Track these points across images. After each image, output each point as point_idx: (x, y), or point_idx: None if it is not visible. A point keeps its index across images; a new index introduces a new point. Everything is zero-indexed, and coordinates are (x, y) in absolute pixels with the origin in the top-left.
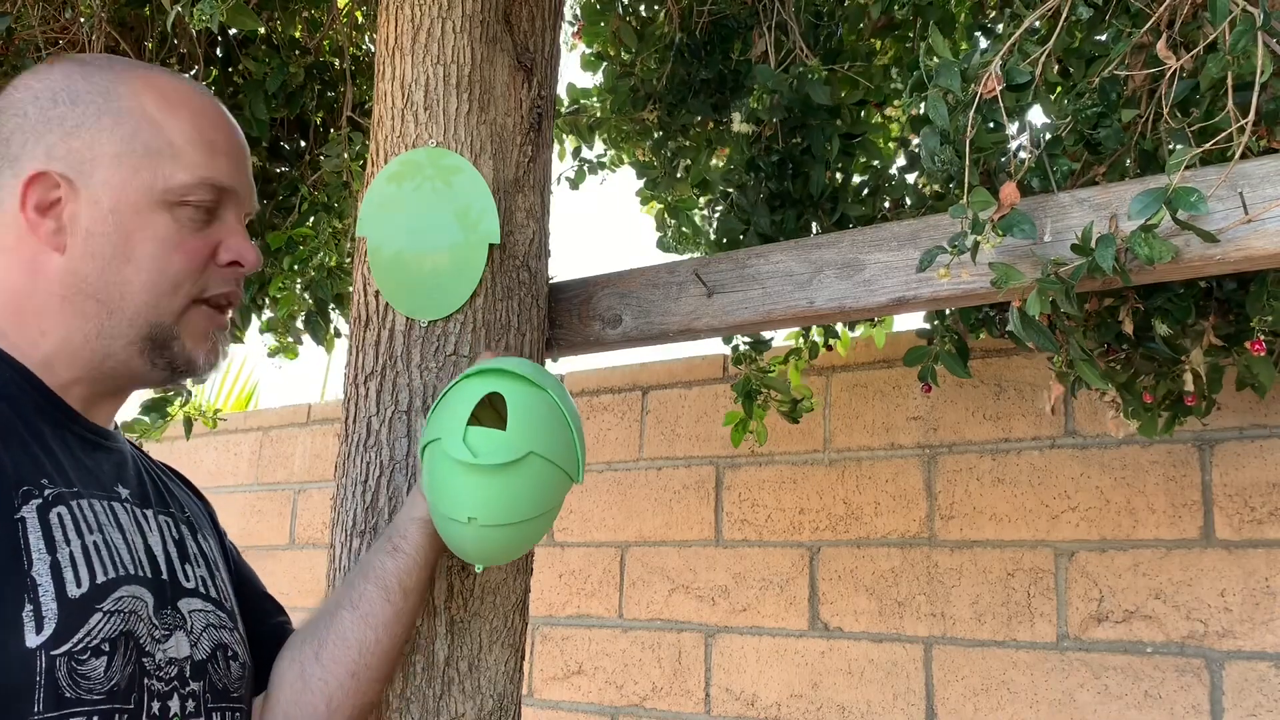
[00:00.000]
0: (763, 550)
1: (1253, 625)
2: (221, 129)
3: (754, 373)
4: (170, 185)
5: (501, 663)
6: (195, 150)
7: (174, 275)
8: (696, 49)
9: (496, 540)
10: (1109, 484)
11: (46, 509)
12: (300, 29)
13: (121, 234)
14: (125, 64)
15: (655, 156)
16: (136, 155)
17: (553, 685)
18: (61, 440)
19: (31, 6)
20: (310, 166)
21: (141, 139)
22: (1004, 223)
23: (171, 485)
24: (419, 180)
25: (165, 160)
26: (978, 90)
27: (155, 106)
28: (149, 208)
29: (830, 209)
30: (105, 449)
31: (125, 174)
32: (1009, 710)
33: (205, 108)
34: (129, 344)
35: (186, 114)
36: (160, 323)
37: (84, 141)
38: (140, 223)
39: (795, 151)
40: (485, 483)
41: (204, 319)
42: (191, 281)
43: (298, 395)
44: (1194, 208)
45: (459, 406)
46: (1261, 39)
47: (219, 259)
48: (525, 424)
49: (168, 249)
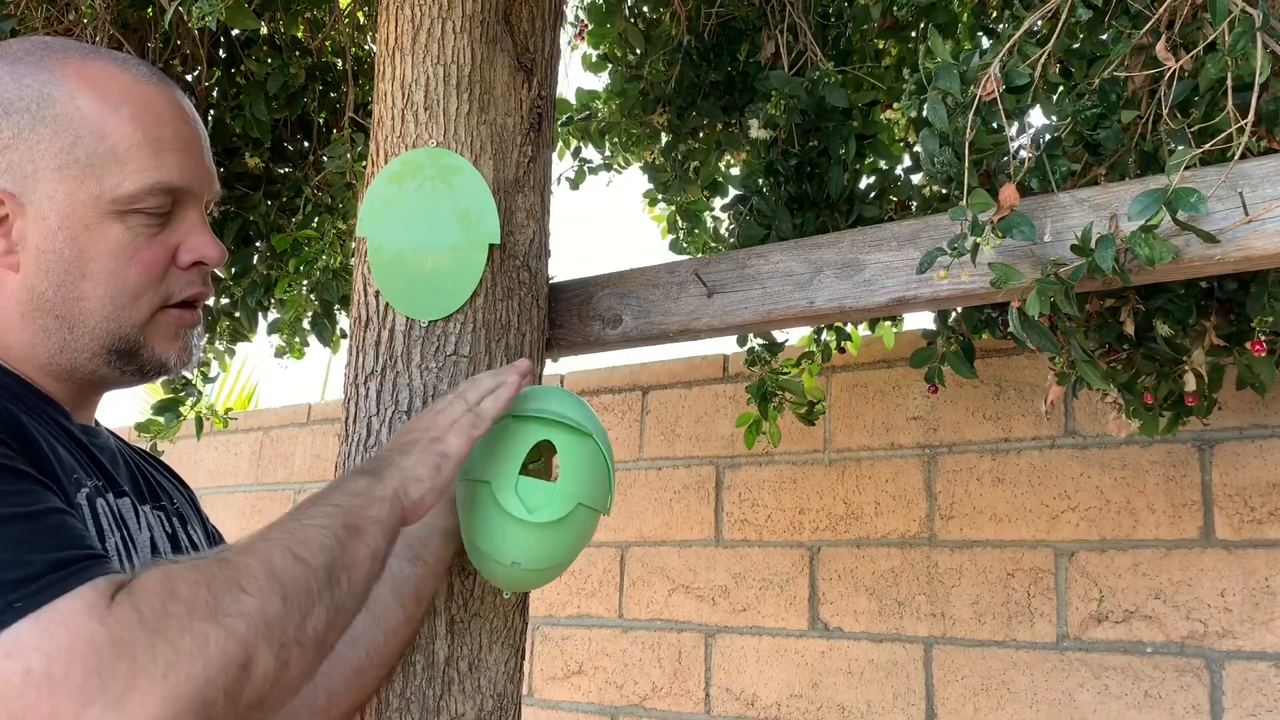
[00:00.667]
0: (763, 550)
1: (1253, 625)
2: (167, 121)
3: (768, 374)
4: (118, 195)
5: (501, 663)
6: (141, 153)
7: (133, 287)
8: (705, 51)
9: (533, 580)
10: (1109, 484)
11: (93, 499)
12: (302, 30)
13: (74, 249)
14: (58, 57)
15: (665, 159)
16: (79, 165)
17: (553, 685)
18: (72, 436)
19: (35, 8)
20: (313, 167)
21: (83, 147)
22: (1003, 225)
23: (158, 475)
24: (419, 180)
25: (110, 168)
26: (977, 92)
27: (93, 108)
28: (99, 219)
29: (848, 211)
30: (99, 446)
31: (70, 186)
32: (1009, 710)
33: (148, 99)
34: (94, 355)
35: (128, 112)
36: (124, 334)
37: (22, 154)
38: (91, 237)
39: (812, 154)
40: (534, 535)
41: (171, 321)
42: (153, 290)
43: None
44: (1194, 208)
45: (511, 454)
46: (1261, 39)
47: (180, 261)
48: (575, 477)
49: (123, 260)
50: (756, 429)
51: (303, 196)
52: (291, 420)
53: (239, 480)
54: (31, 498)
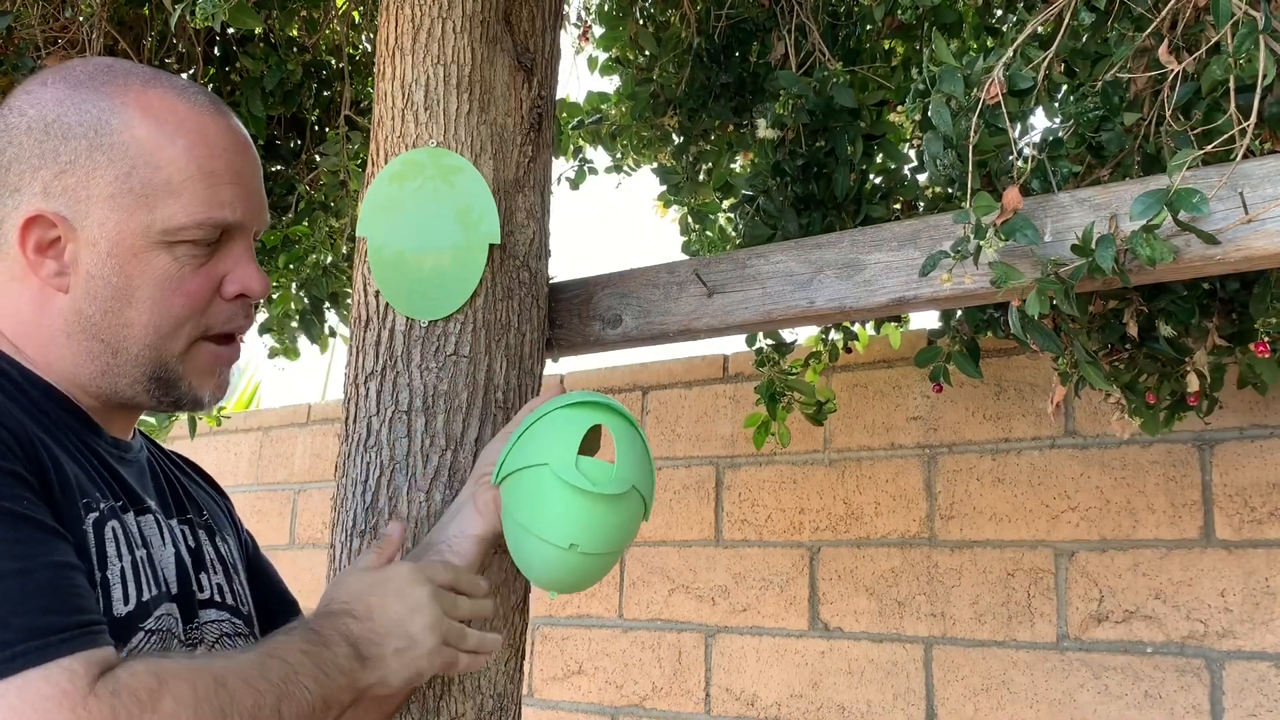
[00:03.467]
0: (763, 550)
1: (1253, 625)
2: (220, 153)
3: (777, 375)
4: (168, 227)
5: (501, 663)
6: (194, 186)
7: (176, 316)
8: (715, 53)
9: (585, 569)
10: (1109, 484)
11: (102, 523)
12: (298, 28)
13: (122, 277)
14: (119, 82)
15: (677, 161)
16: (133, 195)
17: (553, 685)
18: (95, 453)
19: (31, 5)
20: (307, 165)
21: (137, 177)
22: (1006, 227)
23: (188, 485)
24: (420, 180)
25: (162, 199)
26: (980, 95)
27: (150, 137)
28: (147, 249)
29: (855, 210)
30: (128, 461)
31: (121, 216)
32: (1009, 710)
33: (204, 129)
34: (135, 382)
35: (184, 143)
36: (164, 363)
37: (78, 179)
38: (139, 265)
39: (819, 154)
40: (595, 511)
41: (209, 356)
42: (194, 321)
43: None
44: (1196, 209)
45: (566, 436)
46: (1264, 42)
47: (225, 292)
48: (630, 459)
49: (168, 290)
50: (765, 430)
51: (296, 194)
52: (291, 420)
53: (239, 480)
54: (32, 547)
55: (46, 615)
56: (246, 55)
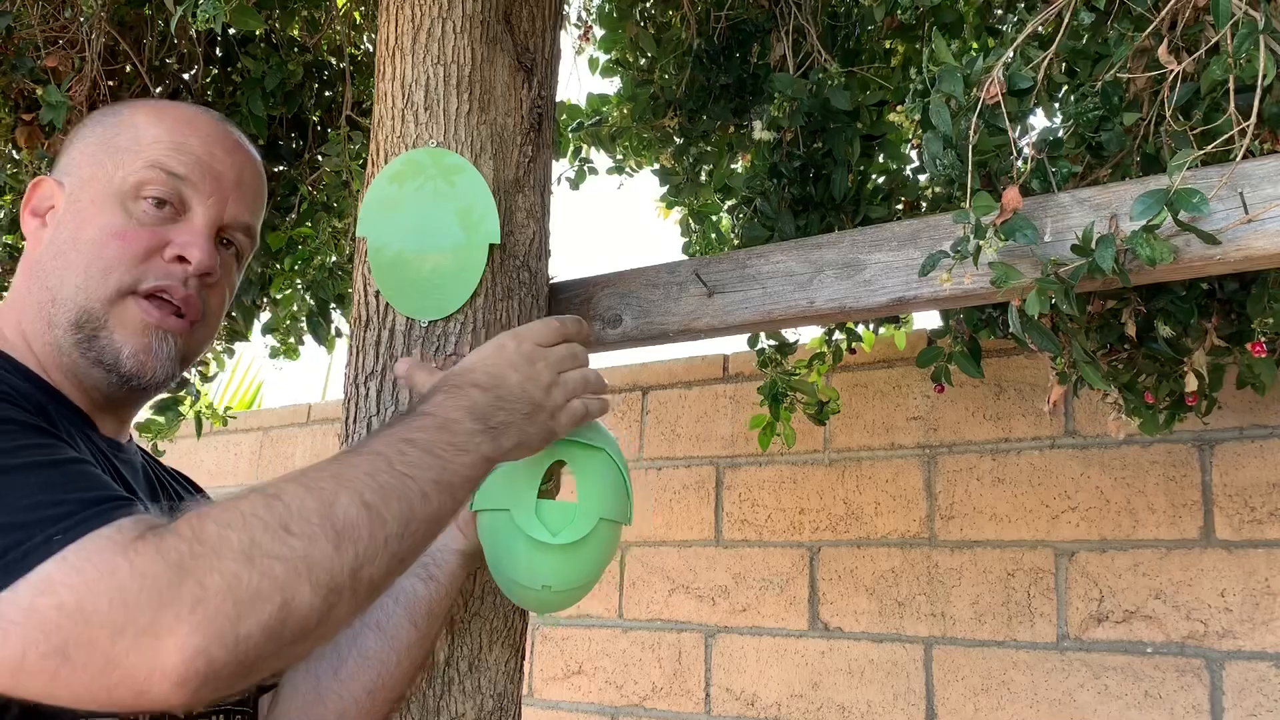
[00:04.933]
0: (763, 550)
1: (1253, 625)
2: (202, 139)
3: (780, 375)
4: (125, 175)
5: (501, 663)
6: (159, 148)
7: (107, 259)
8: (715, 54)
9: (563, 600)
10: (1109, 484)
11: None
12: (299, 28)
13: (77, 223)
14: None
15: (677, 163)
16: (106, 152)
17: (553, 685)
18: (94, 447)
19: (31, 5)
20: (309, 166)
21: (117, 141)
22: (1006, 228)
23: (182, 493)
24: (420, 180)
25: (128, 156)
26: (980, 95)
27: (143, 117)
28: (106, 199)
29: (853, 211)
30: (122, 460)
31: (94, 169)
32: (1009, 710)
33: (195, 121)
34: (66, 331)
35: (169, 121)
36: (90, 309)
37: (79, 150)
38: (94, 213)
39: (817, 155)
40: (560, 557)
41: (138, 310)
42: (125, 269)
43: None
44: (1196, 209)
45: (525, 479)
46: (1264, 42)
47: (165, 254)
48: (593, 493)
49: (108, 235)
50: (770, 430)
51: (298, 195)
52: (291, 420)
53: (239, 480)
54: (57, 450)
55: (93, 491)
56: (248, 56)
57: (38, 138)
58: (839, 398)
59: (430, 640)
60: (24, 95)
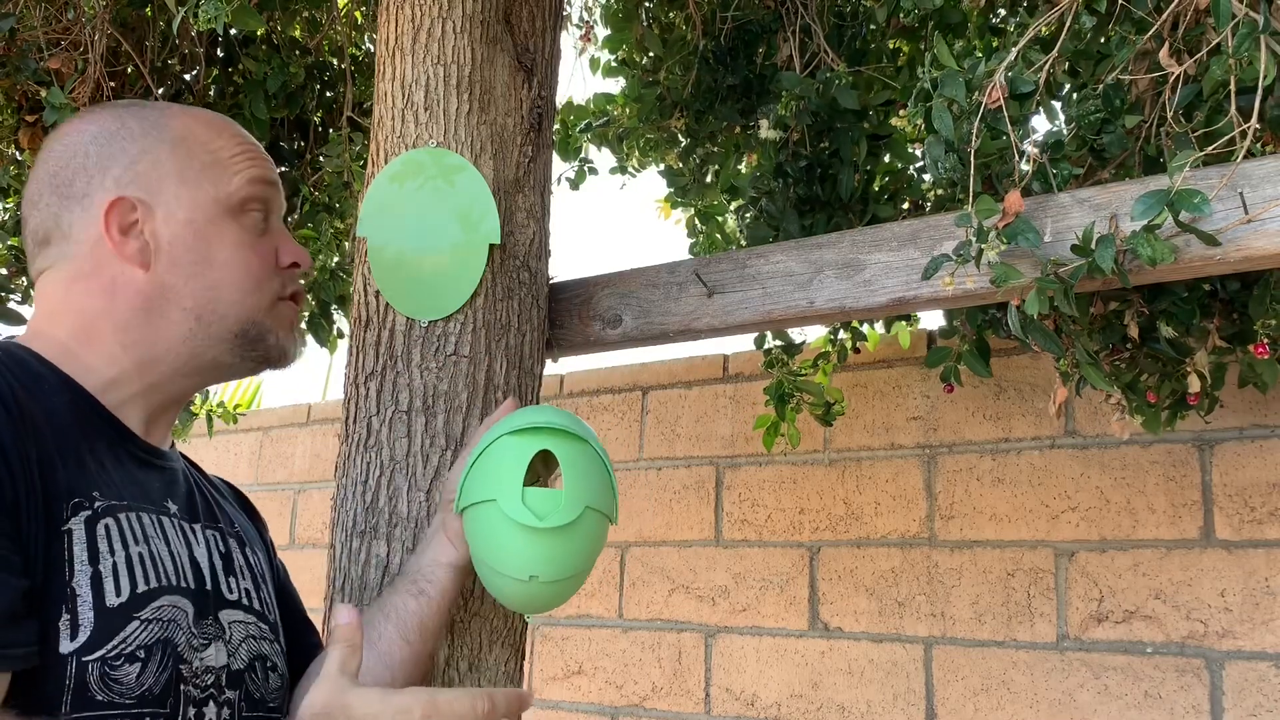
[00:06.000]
0: (763, 550)
1: (1253, 625)
2: (248, 142)
3: (785, 375)
4: (230, 191)
5: (501, 663)
6: (241, 162)
7: (256, 275)
8: (722, 55)
9: (551, 594)
10: (1109, 484)
11: (95, 520)
12: (300, 29)
13: (201, 243)
14: (160, 106)
15: (683, 163)
16: (196, 170)
17: (553, 685)
18: (115, 457)
19: (33, 7)
20: (310, 166)
21: (197, 157)
22: (1008, 231)
23: (224, 501)
24: (420, 180)
25: (220, 171)
26: (982, 99)
27: (199, 129)
28: (219, 216)
29: (861, 211)
30: (158, 467)
31: (191, 189)
32: (1009, 710)
33: (234, 130)
34: (221, 342)
35: (228, 133)
36: (254, 319)
37: (148, 165)
38: (215, 233)
39: (823, 155)
40: (548, 543)
41: (288, 312)
42: (269, 279)
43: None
44: (1197, 209)
45: (512, 468)
46: (1265, 43)
47: (280, 262)
48: (579, 481)
49: (246, 252)
50: (775, 431)
51: (300, 196)
52: (291, 420)
53: (239, 480)
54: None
55: None
56: (249, 57)
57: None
58: (844, 399)
59: (425, 658)
60: (27, 97)
